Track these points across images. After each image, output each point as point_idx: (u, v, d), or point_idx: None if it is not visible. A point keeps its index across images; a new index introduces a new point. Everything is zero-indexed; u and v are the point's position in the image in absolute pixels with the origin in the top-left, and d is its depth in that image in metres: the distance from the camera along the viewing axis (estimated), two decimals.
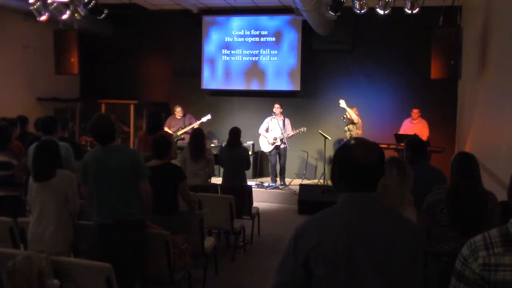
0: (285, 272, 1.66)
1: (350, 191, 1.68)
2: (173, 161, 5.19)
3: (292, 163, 9.71)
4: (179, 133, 8.82)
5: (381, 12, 6.34)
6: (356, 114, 8.40)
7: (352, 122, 8.40)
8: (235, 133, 6.43)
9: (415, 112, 8.53)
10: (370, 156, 1.66)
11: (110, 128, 3.62)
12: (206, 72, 10.32)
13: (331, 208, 1.71)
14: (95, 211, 3.60)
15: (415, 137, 4.39)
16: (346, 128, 8.52)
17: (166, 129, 9.06)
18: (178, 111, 9.15)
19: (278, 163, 8.97)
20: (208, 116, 9.10)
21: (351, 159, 1.67)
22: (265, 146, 8.93)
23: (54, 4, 7.00)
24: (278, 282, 1.67)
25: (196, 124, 8.97)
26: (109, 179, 3.52)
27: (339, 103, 8.43)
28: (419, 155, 3.94)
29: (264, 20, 10.00)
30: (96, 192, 3.57)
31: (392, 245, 1.60)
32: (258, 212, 6.33)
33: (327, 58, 9.82)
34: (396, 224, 1.68)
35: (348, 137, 8.32)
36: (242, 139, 6.56)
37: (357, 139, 1.74)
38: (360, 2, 6.36)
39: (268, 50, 9.98)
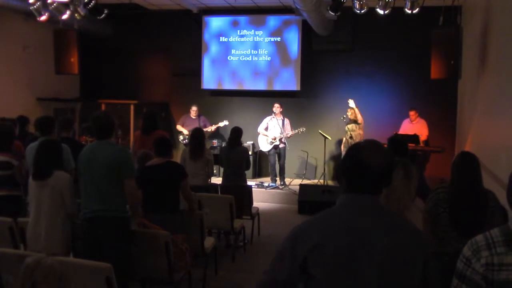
0: (280, 270, 1.65)
1: (351, 192, 1.67)
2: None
3: (292, 163, 9.71)
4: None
5: (381, 12, 6.35)
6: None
7: (355, 122, 8.42)
8: (236, 133, 6.43)
9: (412, 114, 8.52)
10: (379, 161, 1.64)
11: (108, 123, 3.64)
12: (206, 72, 10.31)
13: (331, 209, 1.70)
14: (81, 205, 3.60)
15: (395, 136, 4.33)
16: (346, 128, 8.52)
17: (179, 126, 9.21)
18: (194, 110, 9.27)
19: (277, 163, 8.97)
20: (226, 122, 9.20)
21: (359, 160, 1.65)
22: (264, 145, 8.93)
23: (54, 4, 7.01)
24: (272, 279, 1.67)
25: (212, 128, 9.17)
26: (95, 173, 3.51)
27: (348, 103, 8.50)
28: (399, 155, 3.89)
29: (264, 20, 9.99)
30: (84, 186, 3.58)
31: (392, 248, 1.59)
32: (258, 212, 6.33)
33: (327, 58, 9.81)
34: (398, 227, 1.66)
35: (349, 137, 8.32)
36: (242, 139, 6.57)
37: (371, 142, 1.72)
38: (360, 2, 6.36)
39: (268, 50, 9.98)
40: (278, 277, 1.65)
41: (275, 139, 8.75)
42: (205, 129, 8.80)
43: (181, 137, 9.16)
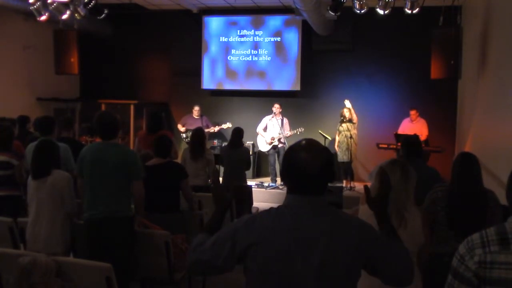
0: (217, 255, 1.68)
1: (293, 193, 1.68)
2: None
3: None
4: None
5: (381, 12, 6.35)
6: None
7: (350, 121, 8.42)
8: (238, 133, 6.43)
9: (413, 113, 8.52)
10: (313, 162, 1.62)
11: (114, 123, 3.64)
12: (206, 72, 10.32)
13: (275, 209, 1.71)
14: (85, 206, 3.58)
15: (411, 136, 4.32)
16: (341, 127, 8.47)
17: (179, 126, 9.24)
18: (197, 110, 9.28)
19: (277, 162, 8.97)
20: (229, 124, 9.17)
21: (294, 163, 1.65)
22: (263, 145, 8.93)
23: (54, 4, 7.01)
24: (209, 260, 1.70)
25: (215, 129, 9.20)
26: (103, 174, 3.50)
27: (345, 104, 8.49)
28: (414, 154, 3.89)
29: (264, 20, 10.00)
30: (88, 186, 3.56)
31: (332, 249, 1.59)
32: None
33: (327, 58, 9.81)
34: (339, 228, 1.64)
35: (349, 137, 8.30)
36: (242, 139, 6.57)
37: (306, 142, 1.69)
38: (360, 2, 6.36)
39: (268, 50, 9.98)
40: (214, 262, 1.69)
41: (273, 139, 8.75)
42: (207, 130, 8.82)
43: (183, 135, 9.19)
